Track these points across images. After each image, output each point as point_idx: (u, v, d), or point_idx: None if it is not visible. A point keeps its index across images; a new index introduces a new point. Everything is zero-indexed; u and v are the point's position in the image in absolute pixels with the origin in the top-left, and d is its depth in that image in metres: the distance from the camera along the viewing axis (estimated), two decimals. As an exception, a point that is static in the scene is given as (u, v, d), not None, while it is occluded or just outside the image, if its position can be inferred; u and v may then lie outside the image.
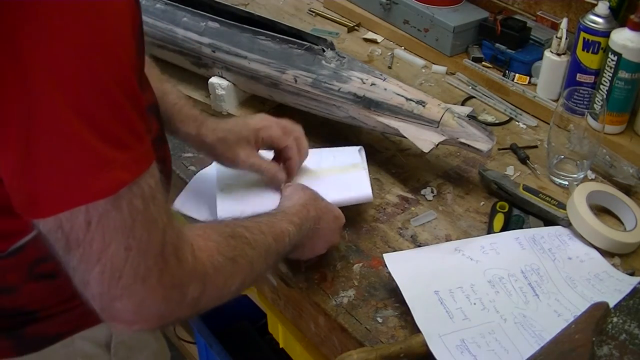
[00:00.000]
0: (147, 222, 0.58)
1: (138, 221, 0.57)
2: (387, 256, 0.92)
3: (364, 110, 1.08)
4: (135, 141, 0.58)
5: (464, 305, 0.87)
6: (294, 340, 1.07)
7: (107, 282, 0.58)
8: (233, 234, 0.72)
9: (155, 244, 0.59)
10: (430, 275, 0.90)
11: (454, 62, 1.38)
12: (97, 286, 0.58)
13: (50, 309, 0.75)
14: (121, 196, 0.56)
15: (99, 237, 0.56)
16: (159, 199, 0.60)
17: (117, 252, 0.57)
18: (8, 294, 0.72)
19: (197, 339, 1.56)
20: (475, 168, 1.12)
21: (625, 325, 0.84)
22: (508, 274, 0.92)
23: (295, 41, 1.13)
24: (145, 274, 0.59)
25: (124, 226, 0.57)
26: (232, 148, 0.96)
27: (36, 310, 0.74)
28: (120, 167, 0.56)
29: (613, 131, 1.16)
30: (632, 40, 1.08)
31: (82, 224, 0.55)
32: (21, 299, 0.72)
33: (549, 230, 1.00)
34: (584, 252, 0.97)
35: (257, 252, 0.74)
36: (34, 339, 0.75)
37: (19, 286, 0.71)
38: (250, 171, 0.98)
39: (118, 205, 0.56)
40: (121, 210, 0.56)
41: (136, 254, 0.58)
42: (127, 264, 0.58)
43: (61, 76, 0.53)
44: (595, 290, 0.90)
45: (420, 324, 0.84)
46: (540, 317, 0.87)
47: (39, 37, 0.52)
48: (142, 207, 0.58)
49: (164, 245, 0.60)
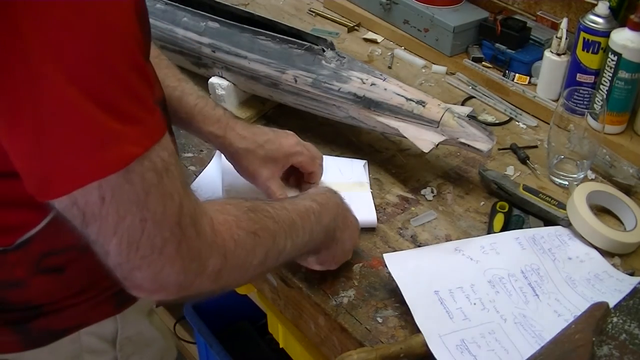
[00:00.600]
0: (162, 195, 0.58)
1: (152, 194, 0.58)
2: (387, 256, 0.92)
3: (364, 110, 1.08)
4: (144, 113, 0.58)
5: (464, 305, 0.87)
6: (294, 340, 1.07)
7: (125, 252, 0.58)
8: (253, 208, 0.71)
9: (171, 216, 0.59)
10: (430, 275, 0.90)
11: (454, 62, 1.38)
12: (116, 256, 0.59)
13: (57, 303, 0.75)
14: (133, 169, 0.56)
15: (114, 211, 0.56)
16: (173, 171, 0.60)
17: (133, 224, 0.57)
18: (15, 287, 0.72)
19: (197, 339, 1.56)
20: (475, 168, 1.12)
21: (625, 325, 0.84)
22: (508, 274, 0.92)
23: (295, 41, 1.13)
24: (163, 245, 0.59)
25: (137, 199, 0.57)
26: (256, 164, 0.94)
27: (43, 304, 0.74)
28: (129, 141, 0.56)
29: (613, 131, 1.16)
30: (632, 40, 1.08)
31: (96, 199, 0.56)
32: (28, 293, 0.73)
33: (549, 230, 1.00)
34: (584, 252, 0.97)
35: (280, 227, 0.73)
36: (40, 333, 0.75)
37: (26, 280, 0.72)
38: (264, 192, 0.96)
39: (130, 179, 0.56)
40: (134, 183, 0.56)
41: (152, 226, 0.58)
42: (143, 236, 0.58)
43: (63, 53, 0.52)
44: (595, 290, 0.90)
45: (420, 324, 0.84)
46: (540, 317, 0.87)
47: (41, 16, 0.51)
48: (156, 180, 0.58)
49: (181, 217, 0.60)
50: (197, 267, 0.63)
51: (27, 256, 0.70)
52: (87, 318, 0.78)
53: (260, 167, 0.94)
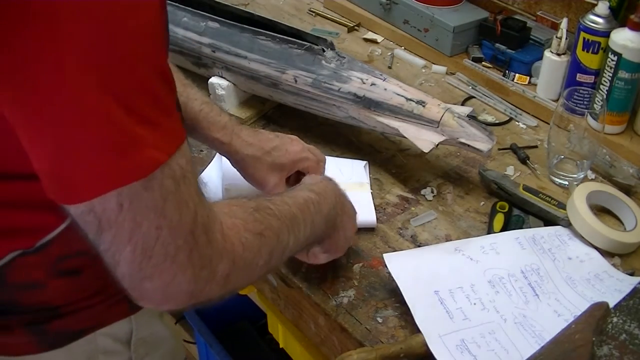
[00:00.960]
0: (179, 202, 0.58)
1: (169, 201, 0.57)
2: (387, 256, 0.92)
3: (364, 110, 1.08)
4: (166, 119, 0.57)
5: (464, 305, 0.87)
6: (294, 340, 1.07)
7: (138, 261, 0.58)
8: (257, 207, 0.71)
9: (186, 224, 0.59)
10: (430, 275, 0.90)
11: (454, 62, 1.38)
12: (127, 266, 0.58)
13: (73, 304, 0.75)
14: (153, 177, 0.56)
15: (131, 218, 0.56)
16: (190, 178, 0.60)
17: (149, 231, 0.57)
18: (33, 289, 0.72)
19: (197, 339, 1.56)
20: (475, 168, 1.12)
21: (625, 325, 0.84)
22: (508, 274, 0.92)
23: (295, 41, 1.13)
24: (176, 253, 0.59)
25: (155, 206, 0.57)
26: (264, 171, 0.95)
27: (59, 306, 0.74)
28: (152, 146, 0.55)
29: (613, 131, 1.16)
30: (632, 40, 1.08)
31: (115, 207, 0.55)
32: (45, 295, 0.72)
33: (549, 230, 1.00)
34: (584, 252, 0.97)
35: (283, 223, 0.73)
36: (57, 334, 0.75)
37: (44, 282, 0.71)
38: None
39: (150, 186, 0.56)
40: (153, 191, 0.56)
41: (167, 234, 0.58)
42: (157, 243, 0.58)
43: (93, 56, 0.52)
44: (595, 290, 0.90)
45: (420, 324, 0.84)
46: (540, 317, 0.87)
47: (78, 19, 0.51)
48: (174, 187, 0.57)
49: (195, 224, 0.60)
50: (208, 274, 0.62)
51: (46, 259, 0.70)
52: (103, 319, 0.78)
53: (267, 175, 0.95)
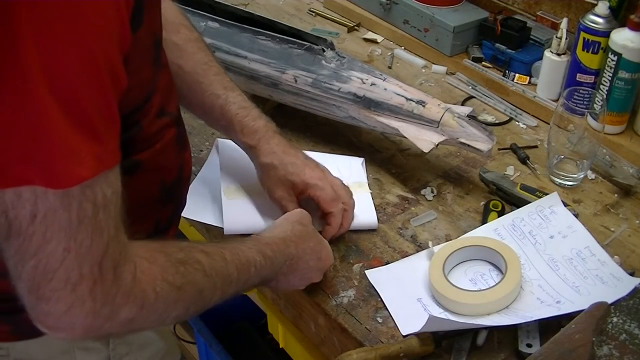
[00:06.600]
0: (93, 229, 0.57)
1: (84, 225, 0.56)
2: (369, 273, 0.93)
3: (364, 110, 1.08)
4: (105, 134, 0.57)
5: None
6: (294, 340, 1.07)
7: (38, 279, 0.56)
8: (185, 260, 0.68)
9: (96, 254, 0.58)
10: (411, 284, 0.91)
11: (454, 62, 1.38)
12: (27, 281, 0.57)
13: None
14: (73, 195, 0.55)
15: (41, 232, 0.55)
16: (111, 210, 0.58)
17: (56, 250, 0.56)
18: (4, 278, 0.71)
19: (197, 339, 1.55)
20: (475, 168, 1.12)
21: (625, 325, 0.84)
22: (489, 269, 0.93)
23: (295, 41, 1.13)
24: (77, 281, 0.57)
25: (68, 227, 0.55)
26: (273, 181, 0.95)
27: None
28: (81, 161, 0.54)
29: (613, 131, 1.16)
30: (632, 40, 1.08)
31: (27, 215, 0.54)
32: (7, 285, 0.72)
33: (530, 209, 1.00)
34: (567, 225, 0.97)
35: (211, 280, 0.71)
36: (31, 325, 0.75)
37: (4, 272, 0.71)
38: None
39: (67, 204, 0.55)
40: (69, 210, 0.55)
41: (73, 258, 0.56)
42: (61, 266, 0.56)
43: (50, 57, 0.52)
44: (577, 273, 0.91)
45: (404, 332, 0.85)
46: (524, 305, 0.88)
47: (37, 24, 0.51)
48: (92, 213, 0.56)
49: (105, 257, 0.58)
50: (109, 312, 0.60)
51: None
52: None
53: (275, 185, 0.95)
